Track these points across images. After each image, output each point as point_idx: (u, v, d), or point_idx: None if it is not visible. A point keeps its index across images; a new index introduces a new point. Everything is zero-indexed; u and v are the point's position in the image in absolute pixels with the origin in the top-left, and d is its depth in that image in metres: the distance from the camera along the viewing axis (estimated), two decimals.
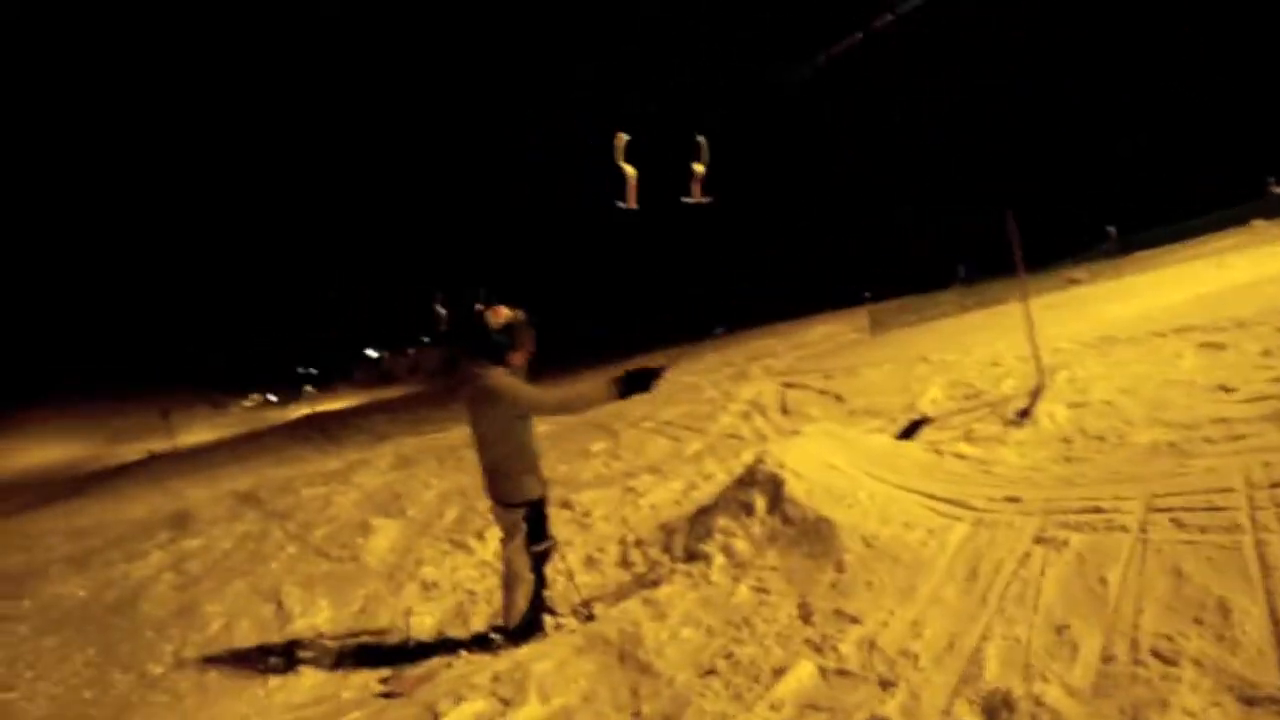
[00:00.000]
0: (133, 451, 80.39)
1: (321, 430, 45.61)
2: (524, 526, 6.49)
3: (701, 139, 11.78)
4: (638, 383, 6.33)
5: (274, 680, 7.23)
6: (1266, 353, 8.93)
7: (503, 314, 6.35)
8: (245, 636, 8.89)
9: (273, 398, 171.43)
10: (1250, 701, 3.32)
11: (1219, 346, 9.81)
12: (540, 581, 6.60)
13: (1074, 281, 26.74)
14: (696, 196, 11.93)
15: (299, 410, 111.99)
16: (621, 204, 11.41)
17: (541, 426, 19.25)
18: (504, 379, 6.20)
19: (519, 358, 6.43)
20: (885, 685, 4.25)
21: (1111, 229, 28.64)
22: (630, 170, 11.16)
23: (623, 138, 10.96)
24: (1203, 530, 4.78)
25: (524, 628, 6.49)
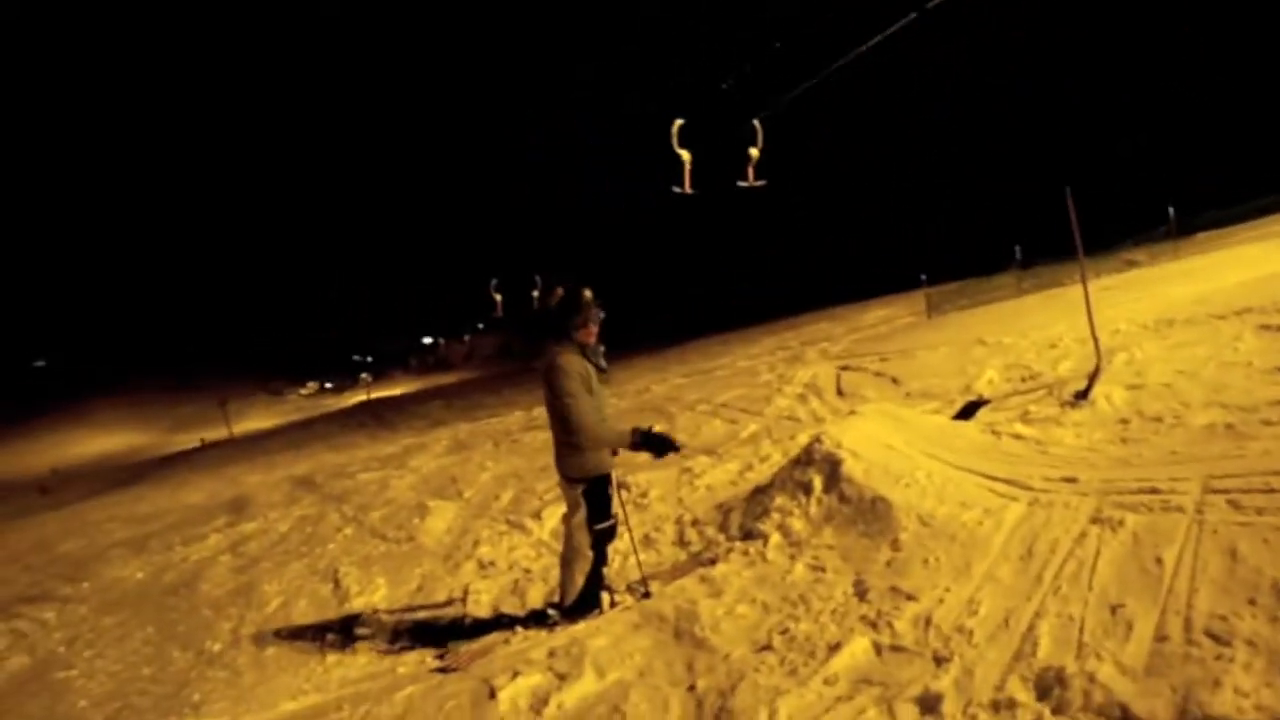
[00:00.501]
0: (192, 439, 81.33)
1: (377, 416, 45.93)
2: (583, 503, 6.50)
3: (757, 123, 11.76)
4: (653, 444, 6.28)
5: (331, 656, 7.35)
6: None
7: (558, 293, 6.39)
8: (303, 615, 9.02)
9: (329, 385, 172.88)
10: None
11: (1278, 329, 9.71)
12: (600, 559, 6.61)
13: (1133, 263, 26.46)
14: (751, 180, 11.93)
15: (355, 397, 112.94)
16: (678, 189, 11.43)
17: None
18: (567, 362, 6.21)
19: (587, 334, 6.42)
20: (939, 661, 4.29)
21: (1171, 210, 28.21)
22: (685, 155, 11.18)
23: (678, 123, 10.98)
24: (1259, 512, 4.77)
25: (580, 605, 6.53)
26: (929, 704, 3.95)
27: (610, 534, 6.62)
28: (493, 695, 5.25)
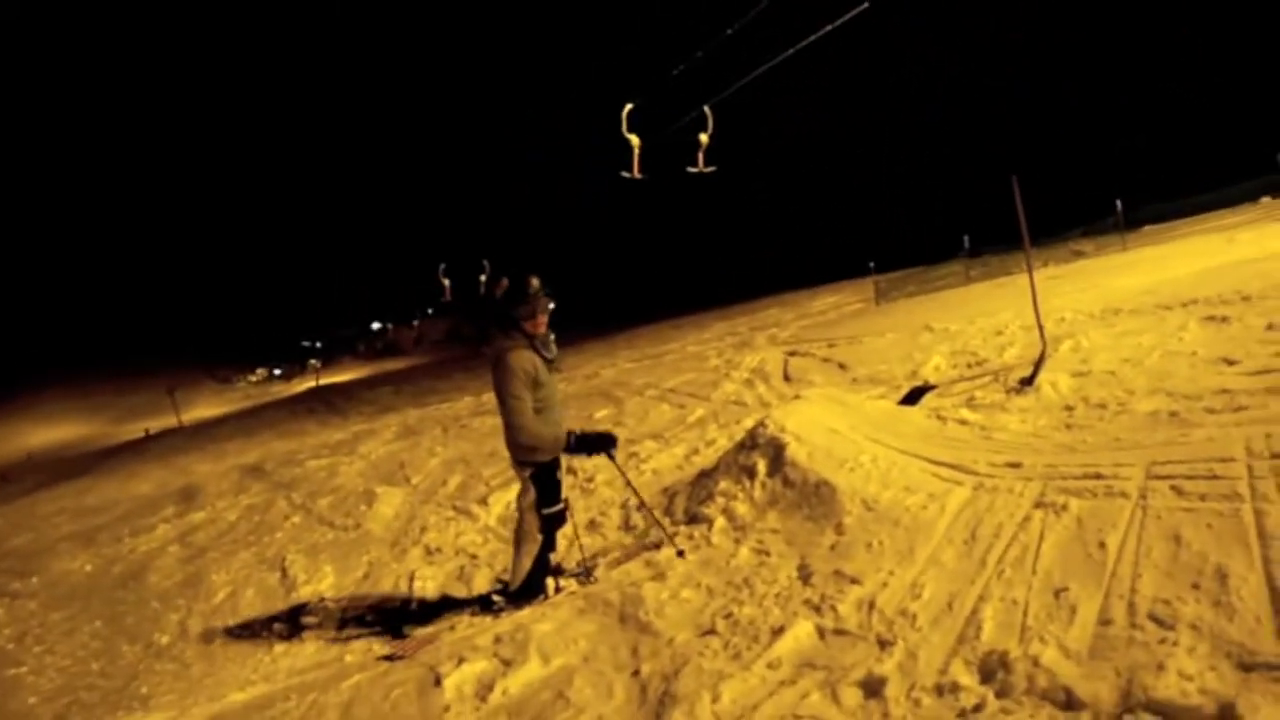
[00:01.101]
0: (140, 429, 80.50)
1: (326, 403, 45.65)
2: (533, 487, 6.47)
3: (707, 109, 11.71)
4: (587, 444, 6.50)
5: (278, 646, 7.31)
6: (1271, 326, 8.91)
7: (504, 283, 6.37)
8: (250, 605, 8.96)
9: (278, 372, 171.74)
10: (1247, 667, 3.32)
11: (1223, 320, 9.81)
12: (548, 545, 6.59)
13: (1080, 254, 26.75)
14: (701, 166, 11.89)
15: (304, 384, 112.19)
16: (626, 174, 11.37)
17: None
18: (514, 359, 6.20)
19: (535, 325, 6.39)
20: (883, 645, 4.27)
21: (1118, 203, 28.49)
22: (635, 139, 11.11)
23: (628, 107, 10.90)
24: (1202, 498, 4.78)
25: (525, 590, 6.52)
26: (872, 687, 3.92)
27: (559, 519, 6.59)
28: (438, 682, 5.21)
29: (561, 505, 6.59)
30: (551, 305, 6.47)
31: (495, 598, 6.69)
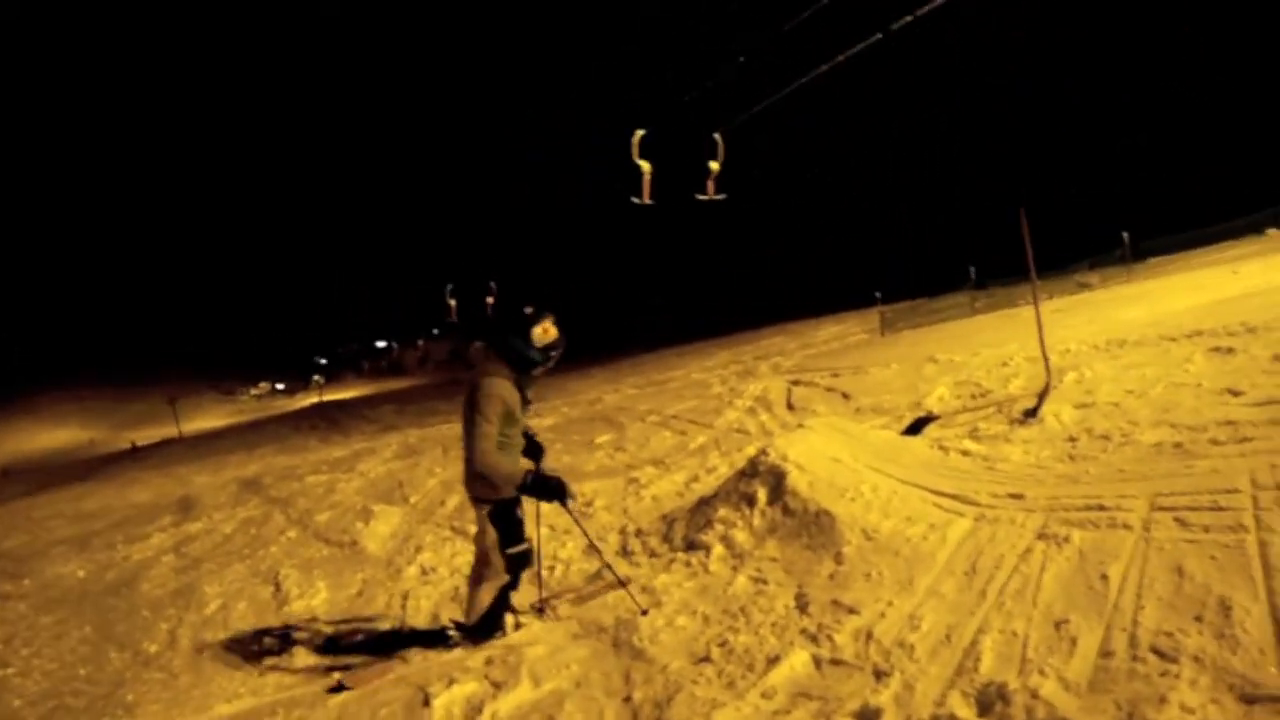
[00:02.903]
0: (141, 436, 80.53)
1: (328, 419, 45.64)
2: (490, 526, 6.30)
3: (717, 136, 11.72)
4: (540, 488, 6.12)
5: (268, 660, 7.22)
6: (1277, 358, 8.85)
7: (550, 332, 6.14)
8: (242, 617, 8.87)
9: (280, 386, 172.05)
10: (1250, 700, 3.27)
11: (1229, 351, 9.76)
12: (511, 585, 6.40)
13: (1085, 285, 26.75)
14: (711, 193, 11.90)
15: (307, 399, 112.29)
16: (636, 199, 11.37)
17: (549, 419, 19.20)
18: (497, 386, 6.00)
19: (541, 372, 6.25)
20: (879, 675, 4.22)
21: (1125, 235, 28.51)
22: (645, 165, 11.13)
23: (639, 133, 10.91)
24: (1206, 529, 4.74)
25: (484, 625, 6.36)
26: (867, 718, 3.87)
27: (524, 559, 6.39)
28: (427, 703, 5.18)
29: (526, 545, 6.38)
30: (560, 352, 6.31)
31: (451, 633, 6.56)
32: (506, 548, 6.25)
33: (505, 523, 6.27)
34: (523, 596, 6.72)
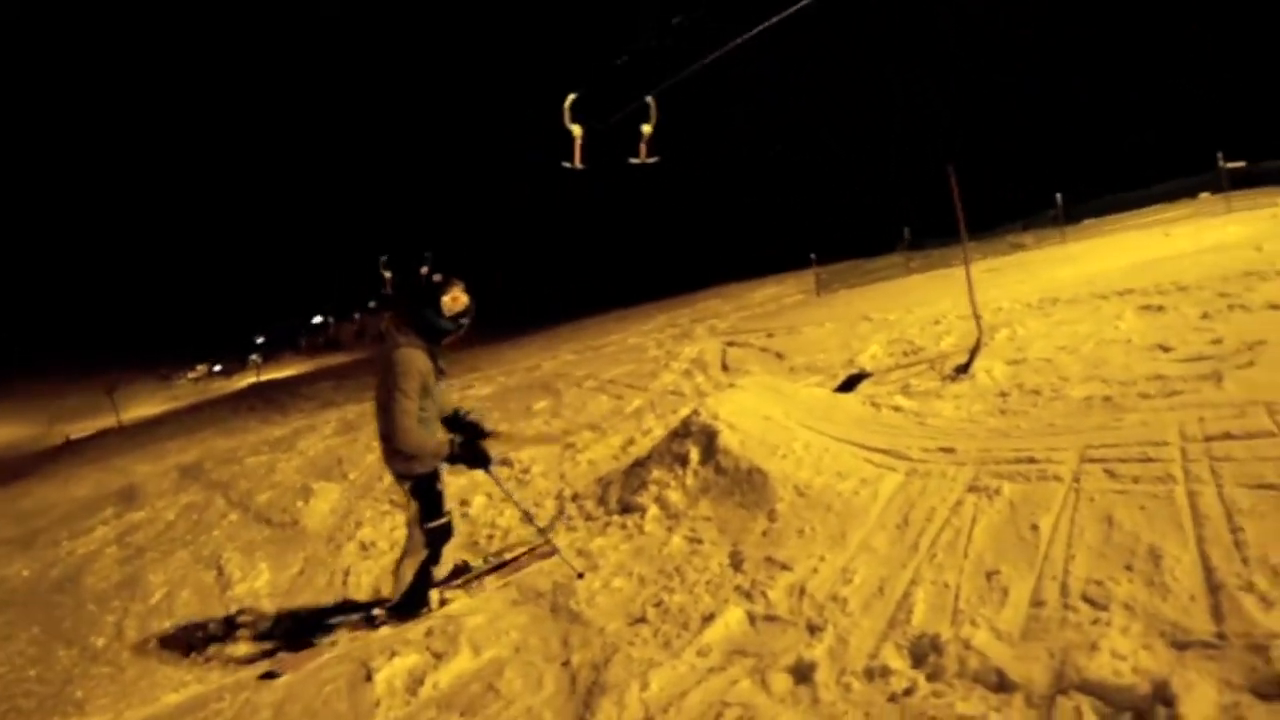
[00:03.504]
0: (77, 429, 79.38)
1: (266, 399, 45.21)
2: (413, 500, 6.36)
3: (650, 99, 11.62)
4: (468, 456, 6.23)
5: (213, 646, 7.21)
6: (1205, 315, 8.94)
7: (459, 300, 6.11)
8: (186, 605, 8.83)
9: (218, 368, 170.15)
10: (1181, 645, 3.29)
11: (1159, 309, 9.85)
12: (432, 558, 6.40)
13: (1019, 246, 26.96)
14: (644, 157, 11.81)
15: (245, 380, 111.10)
16: (568, 164, 11.26)
17: (486, 388, 19.08)
18: (410, 358, 5.97)
19: (452, 340, 6.22)
20: (813, 630, 4.23)
21: (1058, 196, 28.72)
22: (577, 130, 11.02)
23: (571, 97, 10.81)
24: (1135, 480, 4.77)
25: (407, 603, 6.36)
26: (802, 673, 3.87)
27: (444, 533, 6.41)
28: (369, 677, 5.21)
29: (445, 518, 6.40)
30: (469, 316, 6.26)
31: (376, 611, 6.53)
32: (426, 522, 6.28)
33: (426, 497, 6.30)
34: (446, 567, 6.69)
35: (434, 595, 6.42)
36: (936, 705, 3.35)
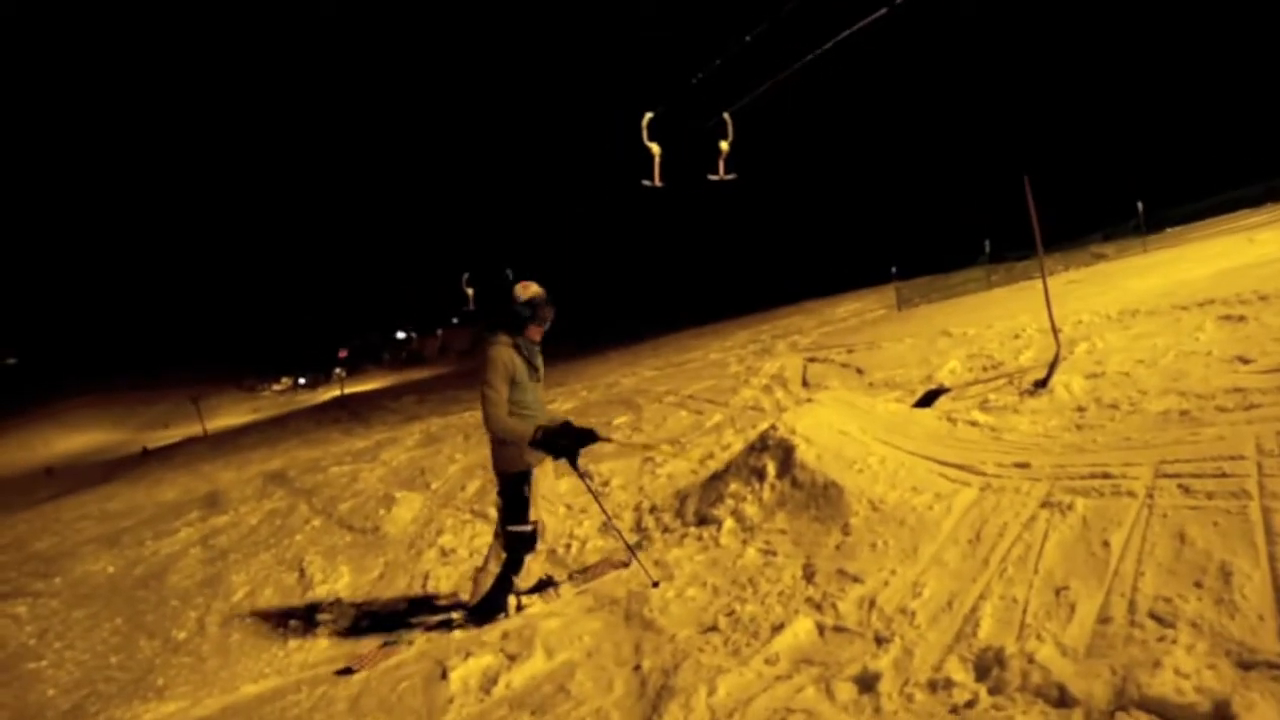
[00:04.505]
0: (165, 437, 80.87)
1: (351, 412, 45.86)
2: (499, 501, 6.53)
3: (727, 116, 11.68)
4: (552, 443, 6.39)
5: (293, 642, 7.42)
6: None
7: (530, 288, 6.38)
8: (267, 602, 9.08)
9: (303, 381, 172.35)
10: (1246, 665, 3.29)
11: (1240, 319, 9.74)
12: (511, 565, 6.49)
13: (1100, 256, 26.67)
14: (721, 174, 11.86)
15: (329, 393, 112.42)
16: (647, 182, 11.34)
17: (569, 403, 19.25)
18: (497, 353, 6.25)
19: (536, 331, 6.43)
20: (880, 641, 4.28)
21: (1139, 205, 28.37)
22: (655, 148, 11.09)
23: (648, 116, 10.89)
24: (1209, 496, 4.74)
25: (485, 607, 6.47)
26: (867, 683, 3.92)
27: (525, 540, 6.46)
28: (444, 675, 5.33)
29: (530, 527, 6.43)
30: (552, 315, 6.50)
31: (454, 614, 6.69)
32: (509, 524, 6.43)
33: (512, 498, 6.44)
34: (530, 577, 6.76)
35: (511, 602, 6.49)
36: (997, 718, 3.38)
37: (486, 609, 6.45)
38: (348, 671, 6.04)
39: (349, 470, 18.39)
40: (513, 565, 6.49)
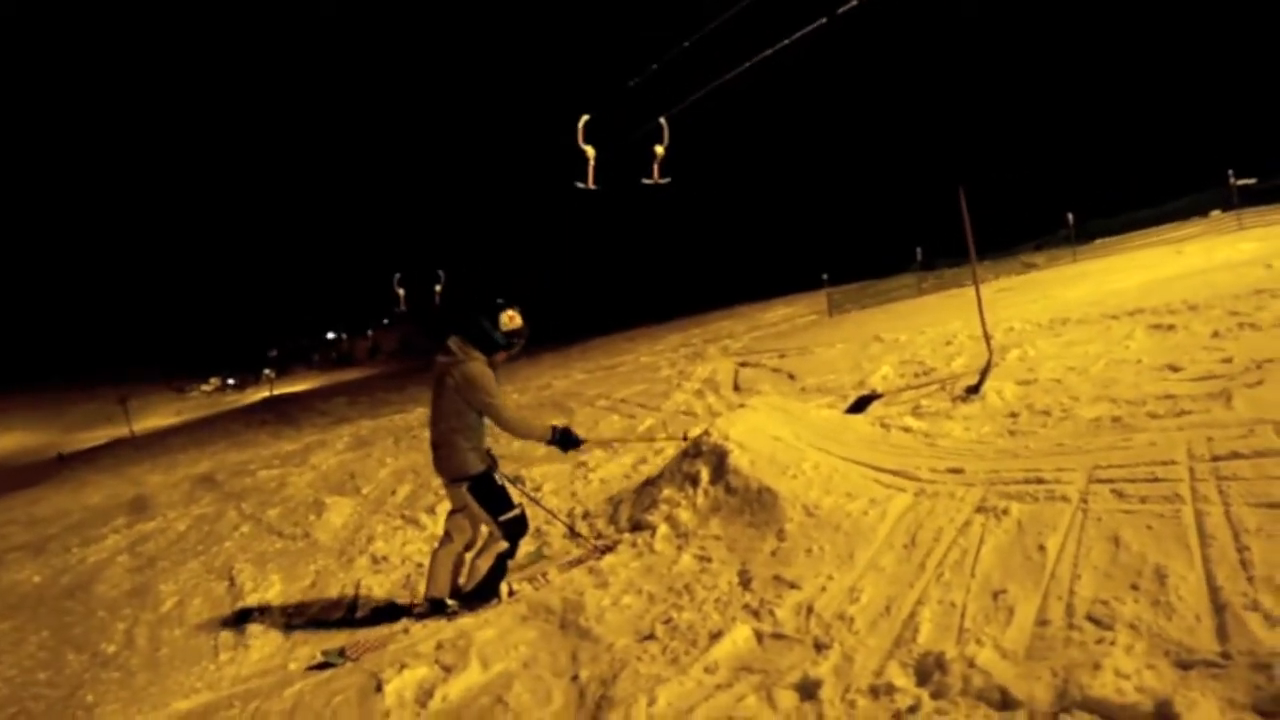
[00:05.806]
0: (91, 438, 79.70)
1: (280, 413, 45.56)
2: (471, 500, 6.48)
3: (663, 121, 11.67)
4: (567, 440, 6.71)
5: (224, 654, 7.26)
6: (1216, 334, 9.00)
7: (516, 320, 6.51)
8: (197, 613, 8.89)
9: (232, 381, 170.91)
10: (1185, 665, 3.30)
11: (1169, 328, 9.90)
12: (509, 551, 6.63)
13: (1031, 266, 27.03)
14: (656, 178, 11.85)
15: (258, 394, 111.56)
16: (581, 184, 11.31)
17: None
18: (482, 370, 6.36)
19: (503, 356, 6.59)
20: (819, 648, 4.24)
21: (1070, 216, 28.78)
22: (590, 150, 11.06)
23: (584, 118, 10.86)
24: (1143, 500, 4.79)
25: (480, 591, 6.53)
26: (808, 690, 3.89)
27: (519, 524, 6.61)
28: (379, 689, 5.25)
29: (519, 509, 6.62)
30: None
31: (449, 601, 6.64)
32: (500, 515, 6.49)
33: (488, 493, 6.52)
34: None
35: (503, 587, 6.61)
36: None
37: (481, 593, 6.54)
38: (343, 653, 6.05)
39: (278, 474, 18.27)
40: (511, 552, 6.63)
